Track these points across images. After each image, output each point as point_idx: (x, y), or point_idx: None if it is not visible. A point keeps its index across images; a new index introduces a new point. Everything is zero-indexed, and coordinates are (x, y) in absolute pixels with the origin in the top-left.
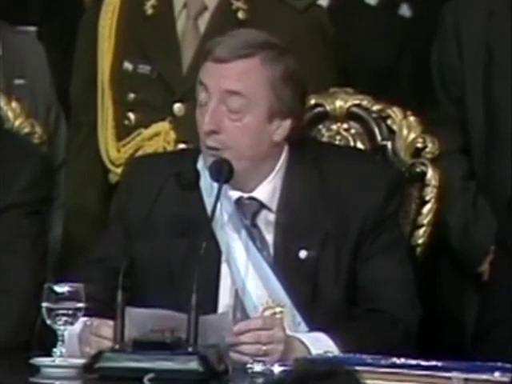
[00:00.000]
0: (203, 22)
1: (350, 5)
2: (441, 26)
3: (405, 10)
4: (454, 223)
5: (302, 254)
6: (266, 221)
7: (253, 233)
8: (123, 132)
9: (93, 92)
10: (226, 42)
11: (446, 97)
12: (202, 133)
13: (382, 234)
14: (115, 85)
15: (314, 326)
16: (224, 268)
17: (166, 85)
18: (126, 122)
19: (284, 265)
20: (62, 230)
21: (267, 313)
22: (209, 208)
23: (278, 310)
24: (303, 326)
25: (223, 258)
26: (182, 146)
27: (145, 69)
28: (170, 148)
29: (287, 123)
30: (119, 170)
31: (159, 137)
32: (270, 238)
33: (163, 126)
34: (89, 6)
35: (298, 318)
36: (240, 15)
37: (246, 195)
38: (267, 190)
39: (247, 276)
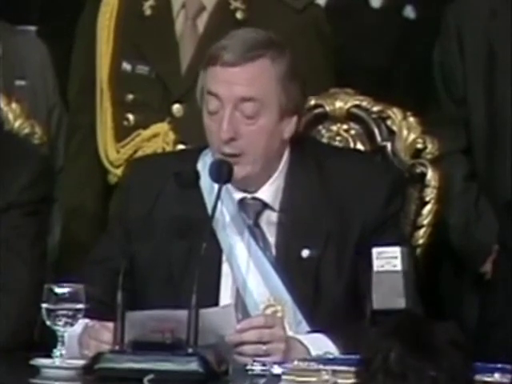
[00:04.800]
0: (201, 22)
1: (353, 7)
2: (443, 26)
3: (409, 12)
4: (456, 223)
5: (305, 253)
6: (269, 221)
7: (255, 233)
8: (122, 133)
9: (90, 93)
10: (231, 46)
11: (447, 97)
12: (217, 140)
13: (383, 235)
14: (114, 85)
15: (315, 325)
16: (225, 268)
17: (165, 85)
18: (125, 123)
19: (286, 264)
20: (61, 230)
21: (268, 311)
22: (209, 207)
23: (279, 308)
24: (304, 325)
25: (224, 257)
26: (181, 146)
27: (143, 69)
28: (169, 149)
29: (294, 119)
30: (118, 171)
31: (158, 138)
32: (272, 237)
33: (162, 126)
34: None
35: (299, 317)
36: (238, 15)
37: (249, 196)
38: (271, 190)
39: (248, 274)
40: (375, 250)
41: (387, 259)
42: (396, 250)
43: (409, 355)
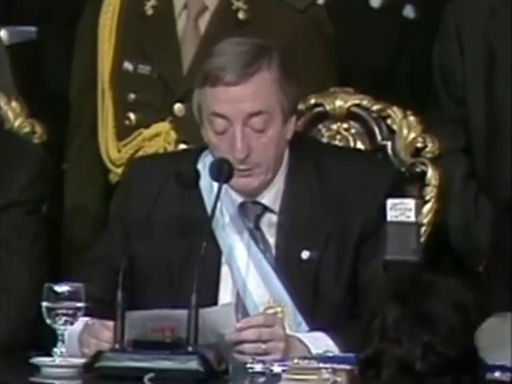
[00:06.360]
0: (203, 23)
1: (353, 7)
2: (442, 26)
3: (409, 12)
4: (455, 223)
5: (305, 254)
6: (269, 223)
7: (255, 235)
8: (124, 132)
9: (92, 92)
10: (229, 65)
11: (447, 97)
12: (229, 158)
13: (383, 235)
14: (115, 85)
15: (314, 326)
16: (224, 269)
17: (166, 85)
18: (127, 122)
19: (286, 265)
20: (62, 230)
21: (268, 312)
22: (209, 208)
23: (279, 309)
24: (304, 326)
25: (223, 259)
26: (182, 146)
27: (145, 69)
28: (170, 148)
29: (294, 119)
30: (120, 170)
31: (160, 137)
32: (272, 239)
33: (164, 126)
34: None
35: (299, 318)
36: (240, 15)
37: (250, 199)
38: (271, 194)
39: (248, 275)
40: (390, 201)
41: (402, 210)
42: (411, 202)
43: (404, 320)
